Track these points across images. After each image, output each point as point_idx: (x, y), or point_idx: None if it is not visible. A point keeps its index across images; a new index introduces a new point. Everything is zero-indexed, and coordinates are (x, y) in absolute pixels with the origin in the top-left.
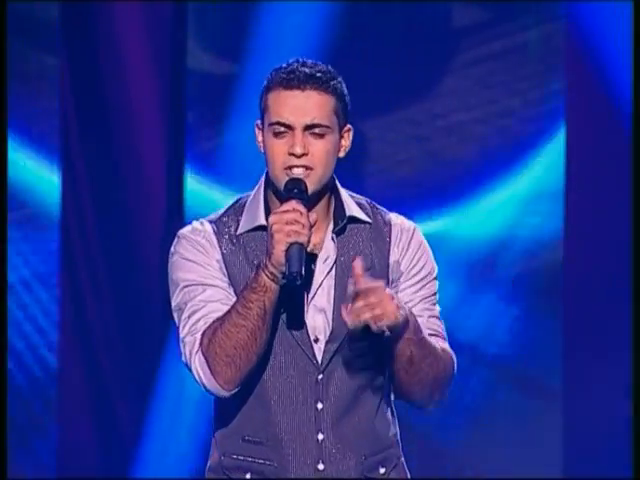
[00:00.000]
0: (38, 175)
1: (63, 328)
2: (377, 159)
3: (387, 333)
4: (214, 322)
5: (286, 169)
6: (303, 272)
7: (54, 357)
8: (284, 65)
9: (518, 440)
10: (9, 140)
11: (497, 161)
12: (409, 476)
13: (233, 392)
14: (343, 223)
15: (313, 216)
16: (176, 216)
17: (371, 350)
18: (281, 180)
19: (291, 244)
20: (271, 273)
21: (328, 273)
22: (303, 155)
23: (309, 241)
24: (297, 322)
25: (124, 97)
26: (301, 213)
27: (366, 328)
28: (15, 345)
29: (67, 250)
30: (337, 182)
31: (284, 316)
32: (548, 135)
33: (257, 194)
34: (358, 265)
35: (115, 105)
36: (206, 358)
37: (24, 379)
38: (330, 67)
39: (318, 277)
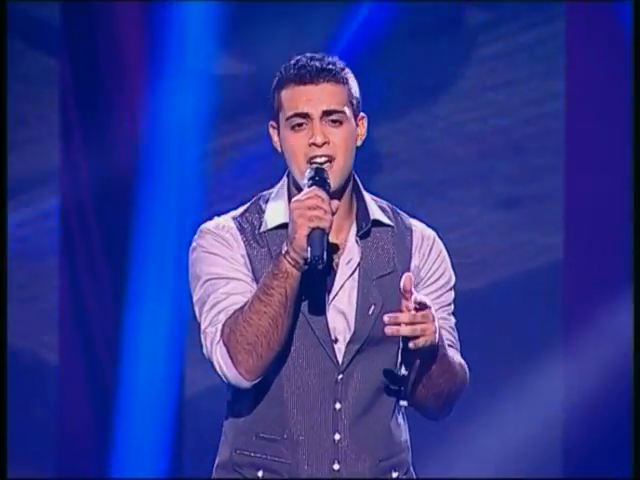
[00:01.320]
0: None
1: (63, 328)
2: (378, 160)
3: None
4: (235, 312)
5: (309, 162)
6: (325, 256)
7: (54, 356)
8: (292, 62)
9: (518, 439)
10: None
11: (497, 162)
12: None
13: (254, 382)
14: (367, 227)
15: (335, 203)
16: (177, 216)
17: (391, 354)
18: (305, 174)
19: (313, 229)
20: (292, 259)
21: (350, 275)
22: (324, 144)
23: (331, 227)
24: (318, 321)
25: (124, 97)
26: (323, 199)
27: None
28: (15, 344)
29: (67, 250)
30: (361, 185)
31: (305, 314)
32: (548, 136)
33: (280, 192)
34: (408, 281)
35: (115, 105)
36: (227, 348)
37: (24, 379)
38: (337, 58)
39: (340, 279)
